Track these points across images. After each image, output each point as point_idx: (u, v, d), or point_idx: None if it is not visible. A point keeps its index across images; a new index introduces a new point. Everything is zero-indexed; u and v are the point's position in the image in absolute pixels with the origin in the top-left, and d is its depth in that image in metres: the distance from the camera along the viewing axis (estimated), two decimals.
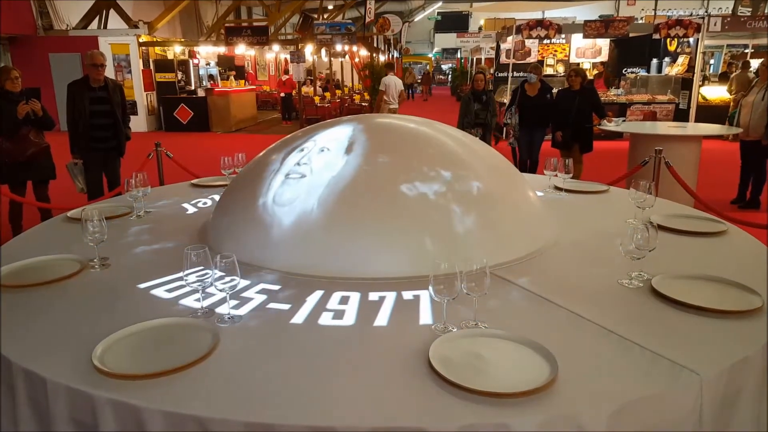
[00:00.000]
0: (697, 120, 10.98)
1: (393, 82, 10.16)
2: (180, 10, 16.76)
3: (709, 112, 11.28)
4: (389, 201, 1.99)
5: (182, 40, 17.38)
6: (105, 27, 15.04)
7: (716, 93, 12.41)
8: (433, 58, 41.43)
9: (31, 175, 4.90)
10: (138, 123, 13.67)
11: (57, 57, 13.92)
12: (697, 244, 2.20)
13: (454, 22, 30.29)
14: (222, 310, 1.61)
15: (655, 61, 14.33)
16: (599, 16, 15.84)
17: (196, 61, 16.86)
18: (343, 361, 1.37)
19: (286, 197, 2.09)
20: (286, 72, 17.14)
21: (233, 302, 1.65)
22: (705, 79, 13.38)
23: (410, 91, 28.89)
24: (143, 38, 14.54)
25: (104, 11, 14.99)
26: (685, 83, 12.05)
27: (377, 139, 2.30)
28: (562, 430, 1.16)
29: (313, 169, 2.15)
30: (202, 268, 1.60)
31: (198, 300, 1.67)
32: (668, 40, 13.44)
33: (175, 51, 15.78)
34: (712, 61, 17.62)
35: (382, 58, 20.92)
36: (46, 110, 4.81)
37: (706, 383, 1.28)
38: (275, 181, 2.17)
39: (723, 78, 13.14)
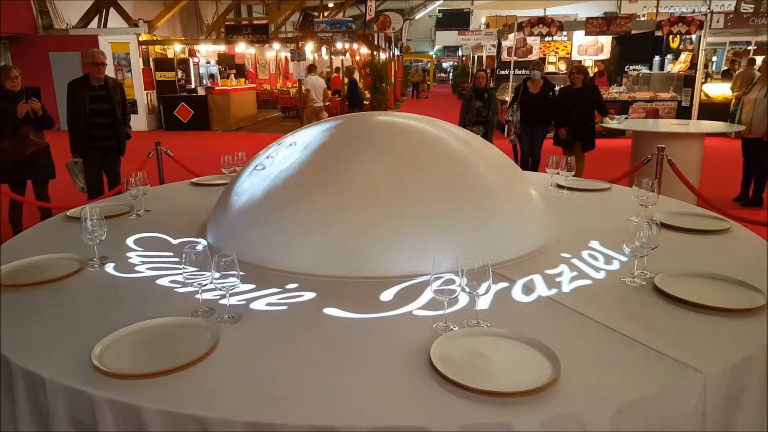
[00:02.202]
0: (699, 117, 10.96)
1: (316, 82, 11.14)
2: (180, 9, 16.74)
3: (712, 110, 11.25)
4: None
5: (182, 38, 17.35)
6: (105, 26, 15.02)
7: (719, 90, 12.37)
8: (434, 56, 41.37)
9: (30, 175, 4.90)
10: (138, 122, 13.66)
11: (57, 56, 13.90)
12: (700, 242, 2.19)
13: (455, 20, 30.31)
14: (221, 308, 1.60)
15: (657, 58, 14.31)
16: (604, 13, 15.80)
17: (196, 59, 16.84)
18: (343, 361, 1.36)
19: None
20: (337, 70, 17.50)
21: (232, 301, 1.64)
22: (708, 77, 13.34)
23: (416, 90, 28.79)
24: (143, 37, 14.52)
25: (104, 10, 14.97)
26: (687, 80, 12.03)
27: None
28: (564, 429, 1.15)
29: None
30: (201, 266, 1.59)
31: (197, 299, 1.66)
32: (671, 37, 13.44)
33: (175, 50, 15.76)
34: (714, 59, 17.57)
35: (383, 56, 20.89)
36: (46, 109, 4.80)
37: (710, 382, 1.27)
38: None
39: (726, 75, 13.10)
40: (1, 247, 2.22)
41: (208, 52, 17.91)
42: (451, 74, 31.85)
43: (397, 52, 26.50)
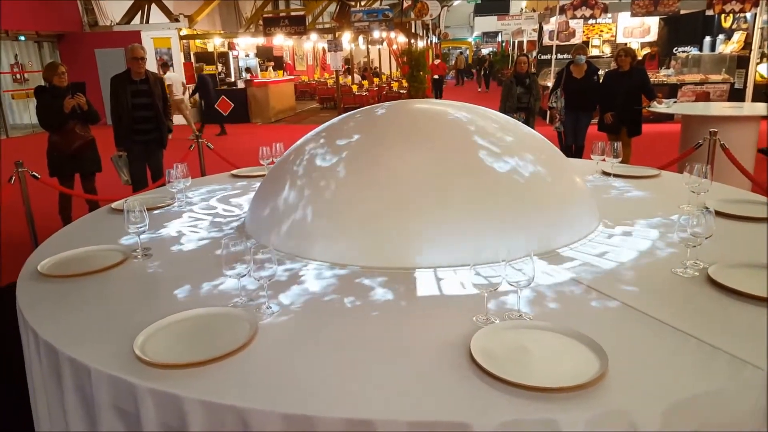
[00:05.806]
0: (754, 100, 10.42)
1: (175, 78, 12.27)
2: (219, 2, 16.98)
3: None
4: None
5: (222, 32, 17.62)
6: (147, 21, 15.40)
7: None
8: (472, 43, 40.71)
9: (78, 168, 5.05)
10: (180, 115, 13.96)
11: (102, 52, 14.37)
12: (757, 230, 2.06)
13: (494, 5, 29.73)
14: (260, 300, 1.61)
15: (708, 38, 13.67)
16: None
17: (235, 52, 17.08)
18: (382, 353, 1.34)
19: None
20: (437, 57, 18.02)
21: (271, 292, 1.64)
22: (763, 57, 12.65)
23: (462, 78, 28.47)
24: (184, 31, 14.81)
25: (146, 6, 15.35)
26: (741, 61, 11.45)
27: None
28: (612, 428, 1.10)
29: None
30: (240, 258, 1.59)
31: (237, 290, 1.66)
32: (723, 16, 12.80)
33: (215, 43, 16.02)
34: None
35: (420, 44, 20.69)
36: (91, 104, 4.93)
37: None
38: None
39: None
40: (51, 238, 2.29)
41: (247, 45, 18.14)
42: (483, 62, 26.04)
43: (434, 40, 26.18)
